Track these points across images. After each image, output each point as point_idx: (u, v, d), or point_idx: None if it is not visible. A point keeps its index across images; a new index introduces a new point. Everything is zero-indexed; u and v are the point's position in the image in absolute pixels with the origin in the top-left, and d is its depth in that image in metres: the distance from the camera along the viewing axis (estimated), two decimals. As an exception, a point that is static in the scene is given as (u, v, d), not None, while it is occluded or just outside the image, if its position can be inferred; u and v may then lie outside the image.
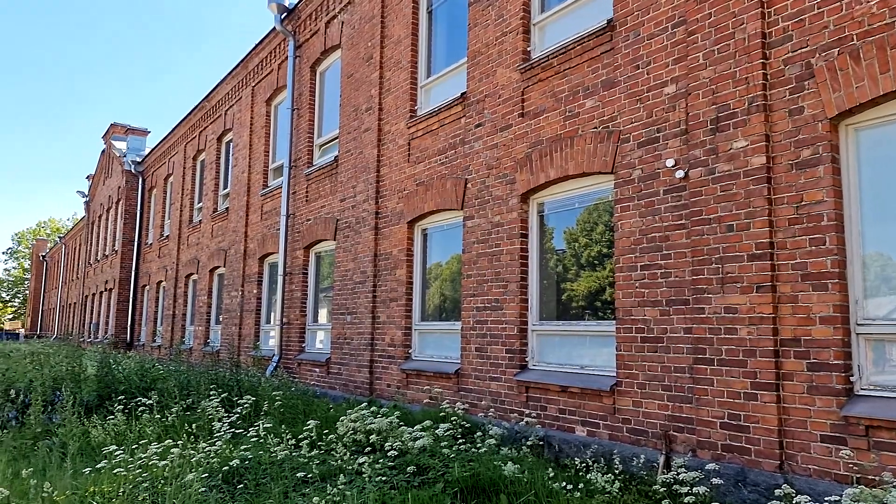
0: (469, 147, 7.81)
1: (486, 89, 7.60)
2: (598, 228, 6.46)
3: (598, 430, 5.85)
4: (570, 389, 6.08)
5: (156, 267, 21.55)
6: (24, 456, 6.61)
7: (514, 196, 7.03)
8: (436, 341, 8.45)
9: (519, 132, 7.07)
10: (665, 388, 5.32)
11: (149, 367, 9.85)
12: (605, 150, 6.03)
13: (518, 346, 6.80)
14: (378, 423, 6.11)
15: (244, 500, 4.52)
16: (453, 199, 7.98)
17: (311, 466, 5.05)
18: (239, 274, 14.52)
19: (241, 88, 15.81)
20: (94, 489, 4.73)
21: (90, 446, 6.49)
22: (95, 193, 31.98)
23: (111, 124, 28.00)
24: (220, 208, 16.59)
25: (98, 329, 27.27)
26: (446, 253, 8.65)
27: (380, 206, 9.64)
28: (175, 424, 7.01)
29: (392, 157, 9.46)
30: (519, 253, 6.92)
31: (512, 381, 6.76)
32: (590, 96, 6.30)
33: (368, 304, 9.51)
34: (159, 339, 20.22)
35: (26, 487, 4.93)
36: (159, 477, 4.89)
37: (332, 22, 11.61)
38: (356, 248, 10.05)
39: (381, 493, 4.45)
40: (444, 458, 5.28)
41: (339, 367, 10.09)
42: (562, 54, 6.60)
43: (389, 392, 8.78)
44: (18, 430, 7.56)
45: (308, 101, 12.44)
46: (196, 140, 18.96)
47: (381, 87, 9.84)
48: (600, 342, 6.20)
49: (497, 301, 7.10)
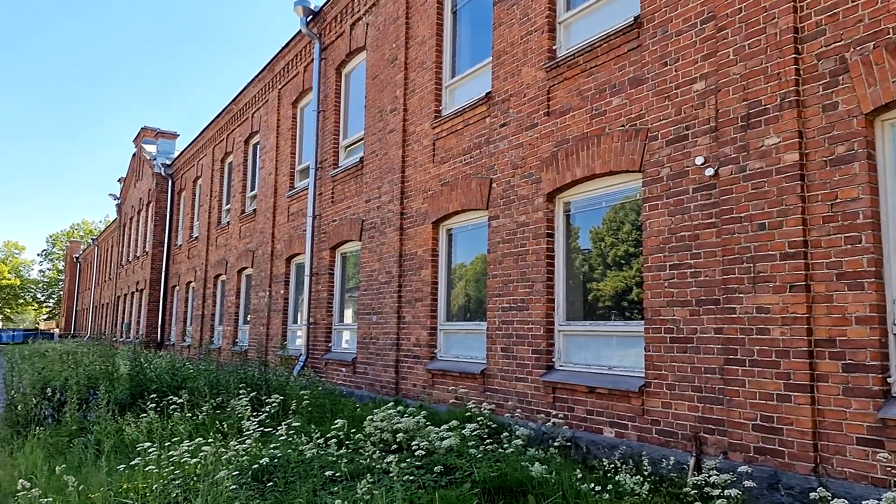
0: (494, 147, 7.79)
1: (512, 88, 7.57)
2: (625, 228, 6.40)
3: (626, 431, 5.79)
4: (598, 390, 6.03)
5: (185, 268, 21.92)
6: (60, 452, 6.78)
7: (540, 195, 6.99)
8: (461, 341, 8.45)
9: (544, 131, 7.04)
10: (695, 390, 5.25)
11: (179, 366, 10.02)
12: (633, 149, 5.97)
13: (544, 346, 6.76)
14: (405, 423, 6.13)
15: (274, 498, 4.57)
16: (478, 198, 7.97)
17: (339, 465, 5.09)
18: (266, 274, 14.69)
19: (267, 91, 16.00)
20: (129, 486, 4.82)
21: (124, 444, 6.63)
22: (127, 196, 32.65)
23: (142, 128, 28.57)
24: (247, 210, 16.80)
25: (129, 329, 27.84)
26: (471, 253, 8.64)
27: (405, 206, 9.67)
28: (205, 423, 7.12)
29: (417, 158, 9.49)
30: (545, 253, 6.89)
31: (538, 382, 6.73)
32: (617, 94, 6.24)
33: (394, 305, 9.55)
34: (189, 338, 20.55)
35: (62, 484, 5.05)
36: (191, 474, 4.97)
37: (356, 24, 11.68)
38: (381, 249, 10.09)
39: (409, 492, 4.47)
40: (471, 458, 5.28)
41: (365, 367, 10.15)
42: (588, 52, 6.54)
43: (415, 392, 8.80)
44: (55, 427, 7.75)
45: (333, 102, 12.53)
46: (224, 143, 19.23)
47: (405, 87, 9.87)
48: (628, 342, 6.14)
49: (523, 301, 7.07)
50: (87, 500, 4.58)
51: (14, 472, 5.91)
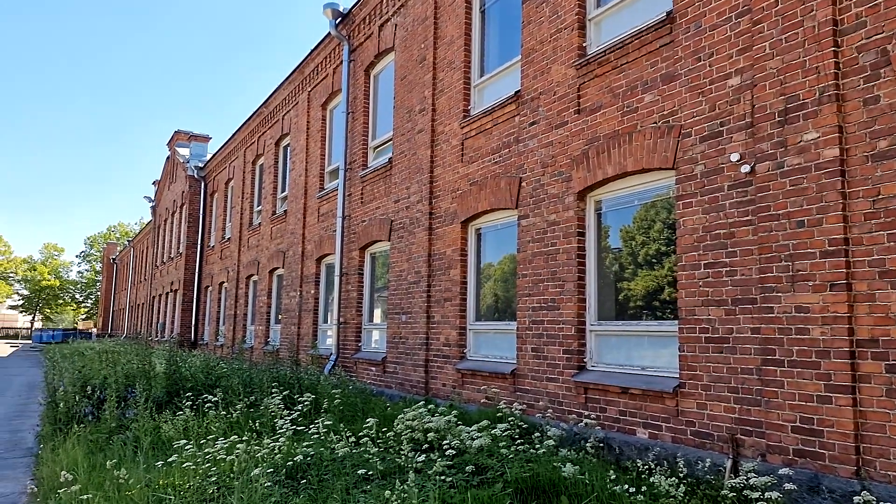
0: (523, 145, 7.76)
1: (541, 87, 7.53)
2: (657, 226, 6.31)
3: (660, 432, 5.71)
4: (631, 391, 5.96)
5: (218, 268, 22.28)
6: (100, 449, 6.95)
7: (571, 194, 6.94)
8: (491, 341, 8.43)
9: (575, 129, 6.98)
10: (731, 390, 5.15)
11: (213, 365, 10.19)
12: (666, 146, 5.88)
13: (576, 346, 6.70)
14: (435, 422, 6.13)
15: (307, 496, 4.61)
16: (507, 198, 7.94)
17: (372, 464, 5.11)
18: (297, 275, 14.85)
19: (297, 93, 16.18)
20: (166, 482, 4.92)
21: (161, 441, 6.76)
22: (161, 198, 33.34)
23: (175, 131, 29.15)
24: (278, 211, 17.01)
25: (164, 328, 28.41)
26: (500, 252, 8.62)
27: (433, 206, 9.68)
28: (239, 421, 7.23)
29: (445, 158, 9.49)
30: (576, 252, 6.83)
31: (570, 382, 6.67)
32: (649, 91, 6.15)
33: (423, 304, 9.57)
34: (222, 338, 20.89)
35: (102, 479, 5.18)
36: (226, 471, 5.05)
37: (385, 25, 11.74)
38: (410, 249, 10.12)
39: (441, 491, 4.47)
40: (503, 458, 5.26)
41: (395, 367, 10.19)
42: (619, 49, 6.47)
43: (445, 391, 8.81)
44: (94, 424, 7.95)
45: (362, 104, 12.61)
46: (255, 145, 19.50)
47: (434, 87, 9.89)
48: (662, 342, 6.05)
49: (553, 301, 7.02)
50: (125, 496, 4.69)
51: (56, 468, 6.07)
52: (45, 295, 78.27)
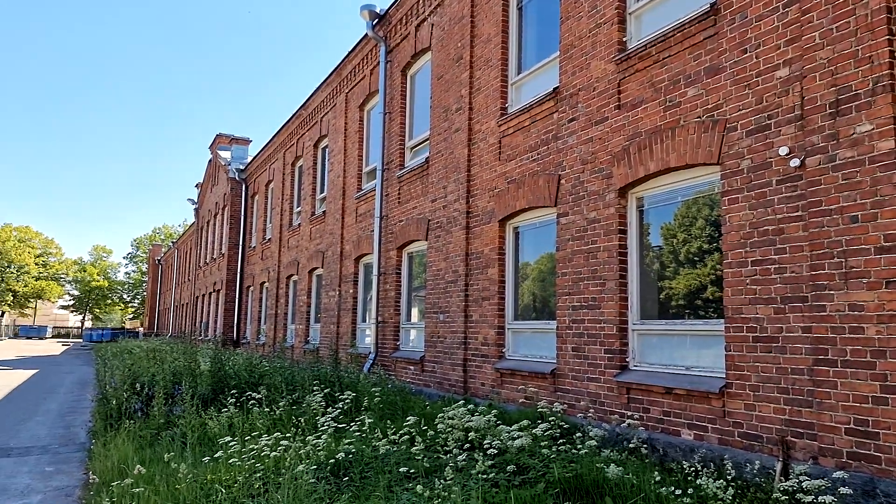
0: (562, 142, 7.68)
1: (580, 83, 7.44)
2: (701, 223, 6.17)
3: (706, 433, 5.58)
4: (676, 391, 5.84)
5: (259, 269, 22.69)
6: (149, 444, 7.14)
7: (611, 191, 6.84)
8: (530, 340, 8.38)
9: (615, 125, 6.88)
10: (781, 391, 5.00)
11: (256, 363, 10.37)
12: (710, 140, 5.75)
13: (618, 345, 6.60)
14: (475, 422, 6.12)
15: (350, 493, 4.65)
16: (546, 195, 7.87)
17: (413, 462, 5.13)
18: (336, 274, 15.02)
19: (335, 95, 16.36)
20: (213, 477, 5.03)
21: (207, 437, 6.91)
22: (204, 200, 34.12)
23: (217, 135, 29.79)
24: (317, 212, 17.23)
25: (207, 328, 29.08)
26: (539, 251, 8.55)
27: (471, 205, 9.67)
28: (282, 418, 7.34)
29: (482, 156, 9.47)
30: (617, 249, 6.73)
31: (612, 382, 6.58)
32: (692, 84, 6.02)
33: (461, 303, 9.56)
34: (263, 337, 21.27)
35: (152, 473, 5.32)
36: (271, 468, 5.13)
37: (421, 25, 11.77)
38: (448, 248, 10.13)
39: (483, 490, 4.46)
40: (544, 458, 5.22)
41: (434, 365, 10.21)
42: (660, 42, 6.35)
43: (484, 391, 8.79)
44: (143, 420, 8.18)
45: (399, 104, 12.68)
46: (294, 147, 19.80)
47: (471, 86, 9.87)
48: (707, 342, 5.91)
49: (594, 300, 6.94)
50: (175, 491, 4.80)
51: (108, 463, 6.27)
52: (94, 295, 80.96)
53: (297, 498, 4.32)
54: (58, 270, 78.52)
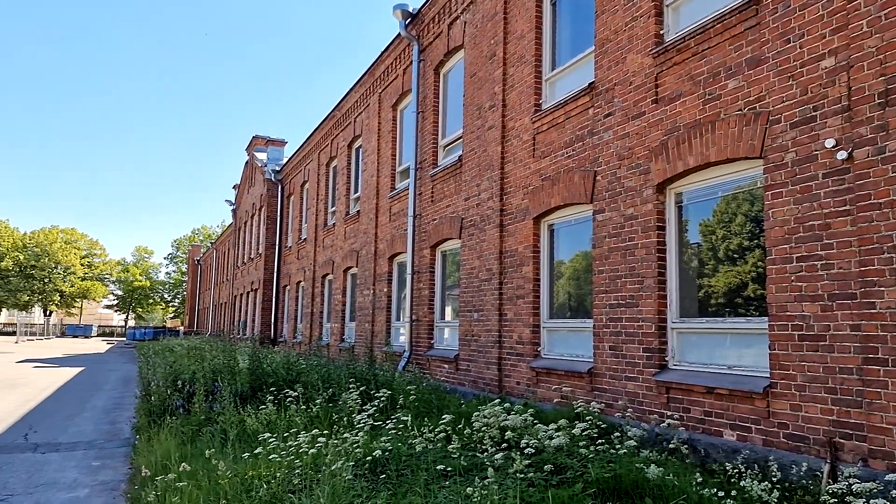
0: (598, 138, 7.58)
1: (616, 77, 7.33)
2: (743, 218, 6.02)
3: (749, 434, 5.44)
4: (717, 391, 5.71)
5: (295, 268, 23.00)
6: (190, 440, 7.29)
7: (649, 187, 6.72)
8: (566, 339, 8.29)
9: (653, 119, 6.75)
10: (829, 391, 4.84)
11: (293, 361, 10.50)
12: (752, 133, 5.59)
13: (656, 344, 6.48)
14: (512, 421, 6.08)
15: (388, 490, 4.67)
16: (581, 192, 7.78)
17: (449, 460, 5.12)
18: (370, 273, 15.12)
19: (368, 96, 16.46)
20: (254, 473, 5.10)
21: (246, 433, 7.02)
22: (241, 201, 34.73)
23: (253, 136, 30.27)
24: (351, 211, 17.37)
25: (246, 326, 29.59)
26: (574, 248, 8.46)
27: (504, 203, 9.62)
28: (319, 415, 7.42)
29: (516, 154, 9.41)
30: (655, 246, 6.60)
31: (651, 382, 6.46)
32: (732, 76, 5.87)
33: (495, 302, 9.52)
34: (299, 335, 21.55)
35: (194, 469, 5.42)
36: (309, 464, 5.18)
37: (454, 23, 11.76)
38: (481, 246, 10.10)
39: (521, 489, 4.42)
40: (582, 457, 5.15)
41: (468, 364, 10.19)
42: (699, 34, 6.20)
43: (519, 390, 8.73)
44: (185, 416, 8.35)
45: (432, 103, 12.68)
46: (328, 147, 20.00)
47: (504, 83, 9.82)
48: (749, 340, 5.76)
49: (632, 298, 6.82)
50: (216, 486, 4.89)
51: (151, 458, 6.43)
52: (136, 295, 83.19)
53: (335, 494, 4.36)
54: (102, 271, 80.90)
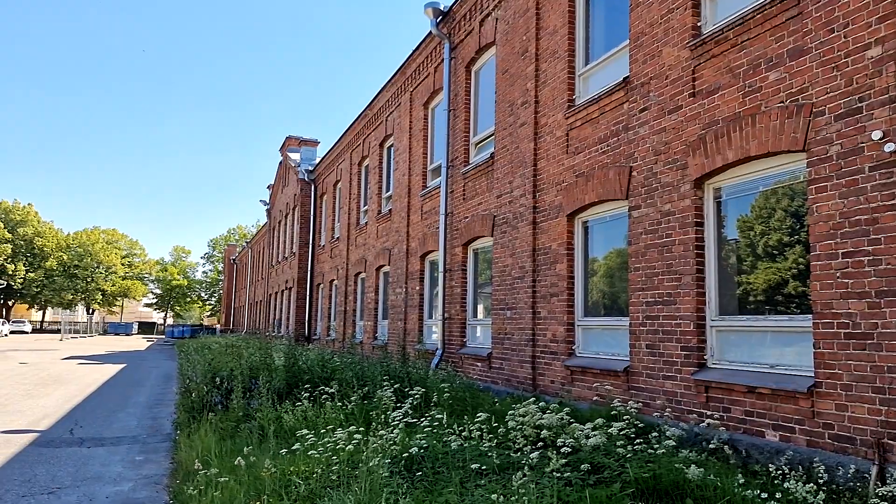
0: (633, 133, 7.46)
1: (652, 71, 7.20)
2: (784, 213, 5.86)
3: (793, 434, 5.30)
4: (759, 390, 5.57)
5: (328, 267, 23.24)
6: (229, 436, 7.43)
7: (687, 182, 6.59)
8: (601, 337, 8.20)
9: (690, 113, 6.62)
10: (877, 391, 4.68)
11: (328, 358, 10.61)
12: (795, 126, 5.44)
13: (695, 343, 6.36)
14: (547, 419, 6.04)
15: (423, 487, 4.68)
16: (616, 188, 7.68)
17: (484, 458, 5.11)
18: (402, 271, 15.18)
19: (400, 95, 16.52)
20: (293, 469, 5.17)
21: (283, 429, 7.12)
22: (275, 201, 35.24)
23: (287, 137, 30.68)
24: (383, 210, 17.47)
25: (280, 324, 30.02)
26: (609, 245, 8.35)
27: (537, 200, 9.55)
28: (354, 412, 7.48)
29: (549, 150, 9.33)
30: (693, 243, 6.48)
31: (689, 381, 6.35)
32: (774, 68, 5.72)
33: (528, 300, 9.46)
34: (333, 333, 21.77)
35: (234, 464, 5.52)
36: (345, 461, 5.23)
37: (486, 20, 11.72)
38: (514, 244, 10.05)
39: (557, 489, 4.39)
40: (620, 457, 5.09)
41: (501, 362, 10.16)
42: (739, 25, 6.06)
43: (553, 388, 8.67)
44: (223, 413, 8.51)
45: (463, 100, 12.66)
46: (360, 147, 20.14)
47: (536, 79, 9.75)
48: (792, 338, 5.61)
49: (669, 295, 6.71)
50: (256, 480, 4.97)
51: (193, 454, 6.56)
52: (175, 293, 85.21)
53: (372, 491, 4.39)
54: (142, 270, 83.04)
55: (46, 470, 6.91)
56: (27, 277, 69.20)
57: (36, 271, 69.84)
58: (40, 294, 71.94)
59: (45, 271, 70.05)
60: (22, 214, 70.73)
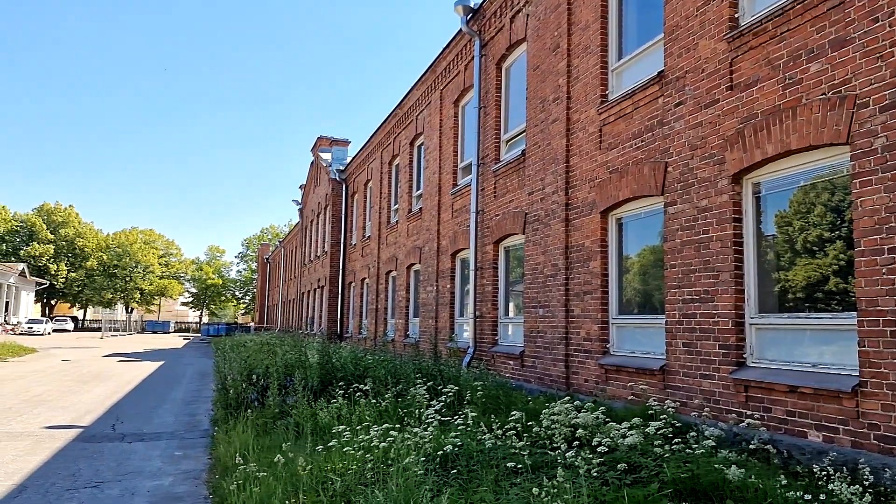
0: (668, 128, 7.34)
1: (687, 65, 7.08)
2: (826, 208, 5.70)
3: (836, 435, 5.16)
4: (801, 389, 5.44)
5: (359, 265, 23.41)
6: (265, 432, 7.54)
7: (724, 177, 6.46)
8: (636, 335, 8.09)
9: (727, 107, 6.48)
10: (927, 392, 4.53)
11: (360, 356, 10.69)
12: (838, 119, 5.29)
13: (733, 341, 6.24)
14: (582, 418, 5.99)
15: (458, 485, 4.68)
16: (651, 184, 7.56)
17: (520, 457, 5.09)
18: (433, 270, 15.21)
19: (430, 93, 16.54)
20: (328, 465, 5.22)
21: (318, 426, 7.20)
22: (307, 201, 35.64)
23: (318, 137, 30.99)
24: (414, 209, 17.52)
25: (313, 322, 30.36)
26: (644, 242, 8.24)
27: (570, 196, 9.47)
28: (388, 409, 7.51)
29: (582, 146, 9.24)
30: (731, 239, 6.35)
31: (728, 380, 6.23)
32: (815, 59, 5.56)
33: (561, 298, 9.39)
34: (365, 331, 21.93)
35: (270, 460, 5.60)
36: (380, 458, 5.26)
37: (516, 16, 11.65)
38: (546, 241, 9.98)
39: (593, 488, 4.35)
40: (657, 457, 5.02)
41: (534, 361, 10.10)
42: (778, 16, 5.91)
43: (587, 387, 8.59)
44: (260, 409, 8.64)
45: (494, 98, 12.62)
46: (391, 146, 20.24)
47: (568, 75, 9.66)
48: (835, 337, 5.46)
49: (707, 293, 6.59)
50: (293, 476, 5.03)
51: (231, 449, 6.67)
52: (210, 292, 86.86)
53: (407, 488, 4.40)
54: (178, 270, 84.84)
55: (89, 464, 7.11)
56: (69, 277, 71.30)
57: (77, 271, 71.91)
58: (81, 293, 74.06)
59: (86, 271, 72.07)
60: (63, 216, 72.90)
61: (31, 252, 67.19)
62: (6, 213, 69.84)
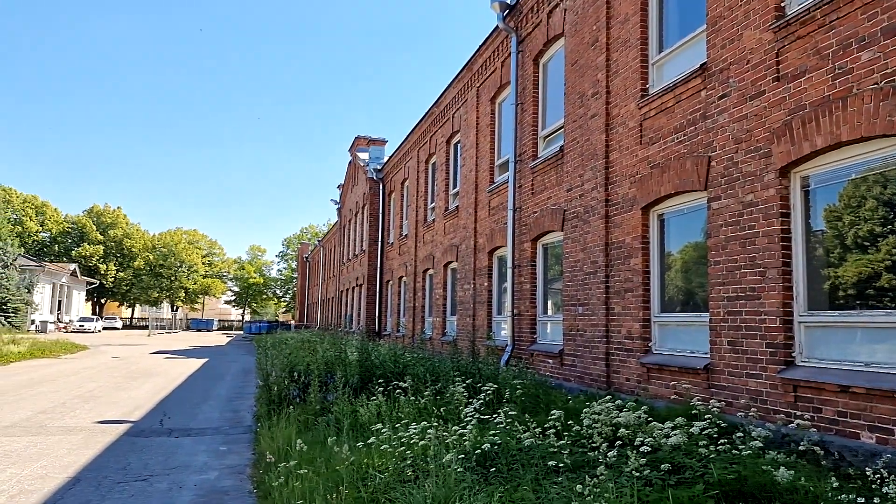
0: (712, 121, 7.17)
1: (731, 56, 6.90)
2: (874, 202, 5.48)
3: (890, 437, 4.96)
4: (853, 389, 5.25)
5: (397, 264, 23.56)
6: (307, 429, 7.65)
7: (771, 171, 6.27)
8: (678, 334, 7.93)
9: (774, 99, 6.29)
10: None
11: (399, 354, 10.76)
12: (891, 109, 5.07)
13: (781, 339, 6.06)
14: (624, 418, 5.90)
15: (498, 484, 4.67)
16: (694, 179, 7.40)
17: (560, 456, 5.05)
18: (470, 268, 15.20)
19: (466, 91, 16.52)
20: (368, 462, 5.27)
21: (358, 423, 7.27)
22: (345, 200, 36.04)
23: (356, 137, 31.31)
24: (450, 207, 17.54)
25: (352, 320, 30.69)
26: (687, 238, 8.07)
27: (609, 192, 9.33)
28: (427, 407, 7.55)
29: (622, 141, 9.10)
30: (779, 235, 6.16)
31: (775, 379, 6.05)
32: (866, 48, 5.35)
33: (601, 296, 9.27)
34: (402, 329, 22.07)
35: (312, 456, 5.68)
36: (419, 455, 5.29)
37: (554, 11, 11.54)
38: (585, 238, 9.86)
39: (636, 488, 4.28)
40: (702, 458, 4.91)
41: (573, 359, 10.00)
42: (827, 4, 5.70)
43: (629, 386, 8.46)
44: (301, 406, 8.78)
45: (531, 94, 12.53)
46: (427, 145, 20.29)
47: (607, 69, 9.52)
48: (889, 335, 5.25)
49: (753, 290, 6.41)
50: (334, 472, 5.09)
51: (274, 445, 6.80)
52: (251, 291, 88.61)
53: (446, 485, 4.41)
54: (221, 269, 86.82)
55: (138, 458, 7.33)
56: (117, 277, 73.75)
57: (125, 271, 74.30)
58: (129, 292, 76.46)
59: (134, 271, 74.39)
60: (112, 217, 75.38)
61: (82, 252, 69.70)
62: (58, 215, 72.61)
